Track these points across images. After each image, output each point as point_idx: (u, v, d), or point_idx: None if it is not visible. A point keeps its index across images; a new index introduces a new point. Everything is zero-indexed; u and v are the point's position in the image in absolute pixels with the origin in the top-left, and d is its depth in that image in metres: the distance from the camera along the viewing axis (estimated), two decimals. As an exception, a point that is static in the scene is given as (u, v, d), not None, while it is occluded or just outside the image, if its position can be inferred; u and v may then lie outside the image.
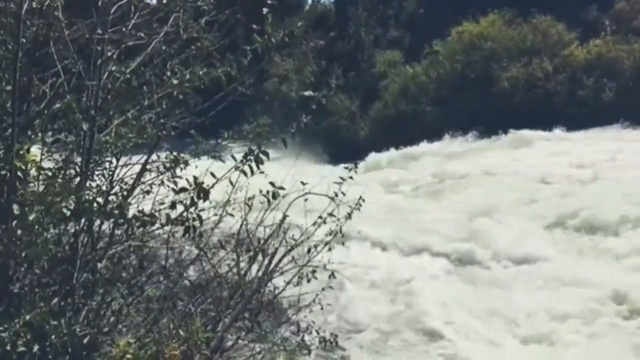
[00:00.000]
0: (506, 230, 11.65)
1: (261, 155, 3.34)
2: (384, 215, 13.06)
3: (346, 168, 4.82)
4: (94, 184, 3.52)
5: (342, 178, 4.72)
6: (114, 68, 3.45)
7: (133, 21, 3.52)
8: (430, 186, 16.88)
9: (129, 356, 2.98)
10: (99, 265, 3.33)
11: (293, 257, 4.61)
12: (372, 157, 21.63)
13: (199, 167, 3.63)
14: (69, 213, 2.82)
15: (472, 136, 21.42)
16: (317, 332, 4.92)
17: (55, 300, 3.04)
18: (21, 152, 2.88)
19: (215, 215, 4.29)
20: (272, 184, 3.74)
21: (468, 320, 8.44)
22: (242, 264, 4.54)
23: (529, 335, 7.97)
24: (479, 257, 10.82)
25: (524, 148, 18.67)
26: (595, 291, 8.79)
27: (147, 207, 3.49)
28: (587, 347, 7.58)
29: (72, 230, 3.15)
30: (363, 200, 4.89)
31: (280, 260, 4.54)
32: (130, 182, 3.74)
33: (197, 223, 3.14)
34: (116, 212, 2.92)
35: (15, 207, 2.86)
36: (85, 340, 2.94)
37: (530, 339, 7.90)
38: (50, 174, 3.16)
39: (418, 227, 12.51)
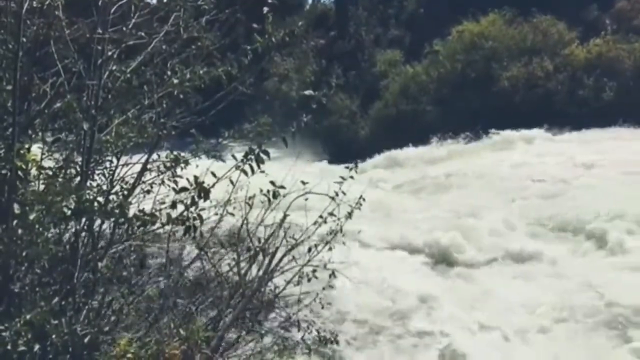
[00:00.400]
0: (488, 226, 11.93)
1: (262, 155, 3.34)
2: (367, 212, 13.11)
3: (347, 167, 4.84)
4: (94, 184, 3.52)
5: (342, 177, 4.73)
6: (114, 67, 3.45)
7: (133, 21, 3.52)
8: (414, 184, 17.23)
9: (129, 355, 2.98)
10: (99, 264, 3.33)
11: (293, 257, 4.62)
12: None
13: (199, 167, 3.63)
14: (69, 212, 2.82)
15: (462, 139, 21.32)
16: (318, 332, 4.92)
17: (56, 299, 3.04)
18: (22, 151, 2.88)
19: (216, 214, 4.29)
20: (272, 183, 3.74)
21: (453, 313, 8.63)
22: (243, 264, 4.55)
23: (513, 324, 8.23)
24: (461, 252, 11.10)
25: (510, 149, 18.89)
26: (571, 285, 9.16)
27: (147, 207, 3.48)
28: (561, 336, 7.94)
29: (73, 230, 3.15)
30: (363, 199, 4.90)
31: (280, 259, 4.55)
32: (131, 181, 3.74)
33: (197, 222, 3.14)
34: (117, 211, 2.92)
35: (15, 206, 2.86)
36: (86, 340, 2.94)
37: (514, 329, 8.15)
38: (50, 173, 3.16)
39: (400, 223, 12.69)
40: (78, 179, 3.25)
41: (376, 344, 8.09)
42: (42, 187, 3.05)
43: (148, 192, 3.95)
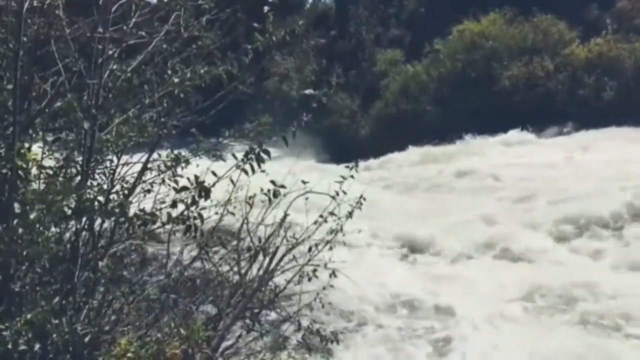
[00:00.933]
0: (463, 222, 12.34)
1: (262, 154, 3.34)
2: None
3: (347, 167, 4.85)
4: (95, 183, 3.52)
5: (342, 177, 4.73)
6: (115, 67, 3.45)
7: (134, 20, 3.52)
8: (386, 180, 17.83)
9: (130, 355, 2.98)
10: (100, 264, 3.33)
11: (294, 256, 4.62)
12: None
13: (200, 166, 3.63)
14: (70, 212, 2.82)
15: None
16: (318, 331, 4.92)
17: (57, 299, 3.04)
18: (22, 150, 2.88)
19: (216, 214, 4.29)
20: (273, 182, 3.74)
21: (434, 303, 8.82)
22: (243, 263, 4.55)
23: (493, 310, 8.49)
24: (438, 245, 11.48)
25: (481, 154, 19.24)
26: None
27: (148, 206, 3.48)
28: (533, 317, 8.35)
29: (73, 229, 3.15)
30: (364, 199, 4.91)
31: (281, 259, 4.55)
32: (131, 180, 3.74)
33: (198, 222, 3.14)
34: (117, 210, 2.92)
35: (16, 205, 2.86)
36: (86, 339, 2.94)
37: (495, 314, 8.39)
38: (51, 172, 3.16)
39: (379, 216, 12.91)
40: (78, 178, 3.24)
41: (366, 337, 8.14)
42: (42, 186, 3.05)
43: (148, 191, 3.95)
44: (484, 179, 16.19)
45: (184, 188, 3.11)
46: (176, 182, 3.42)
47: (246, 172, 3.37)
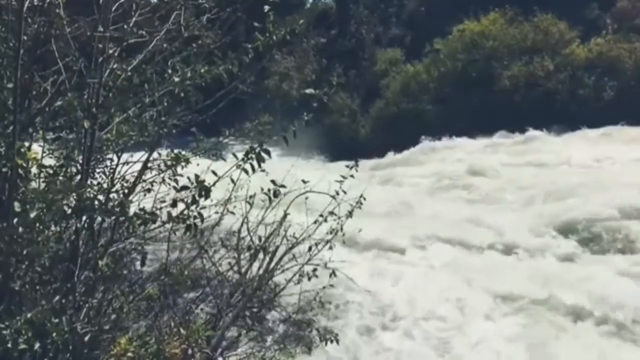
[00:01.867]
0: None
1: (262, 154, 3.34)
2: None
3: (347, 166, 4.85)
4: (95, 182, 3.52)
5: (342, 177, 4.73)
6: (115, 66, 3.45)
7: (134, 19, 3.52)
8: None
9: (129, 354, 2.99)
10: (100, 263, 3.33)
11: (294, 255, 4.62)
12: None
13: (200, 165, 3.63)
14: (70, 211, 2.82)
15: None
16: (318, 330, 4.92)
17: (57, 297, 3.04)
18: (22, 149, 2.88)
19: (217, 213, 4.29)
20: (273, 182, 3.74)
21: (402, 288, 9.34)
22: (243, 262, 4.55)
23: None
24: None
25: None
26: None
27: (148, 205, 3.48)
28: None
29: (73, 228, 3.15)
30: (364, 198, 4.91)
31: (281, 258, 4.55)
32: (132, 179, 3.74)
33: (198, 221, 3.14)
34: (117, 209, 2.92)
35: (16, 204, 2.86)
36: (86, 338, 2.94)
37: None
38: (51, 171, 3.16)
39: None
40: (79, 177, 3.25)
41: (349, 332, 8.24)
42: (42, 185, 3.06)
43: (149, 190, 3.95)
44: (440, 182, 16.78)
45: (184, 187, 3.11)
46: (176, 181, 3.42)
47: (246, 172, 3.38)
